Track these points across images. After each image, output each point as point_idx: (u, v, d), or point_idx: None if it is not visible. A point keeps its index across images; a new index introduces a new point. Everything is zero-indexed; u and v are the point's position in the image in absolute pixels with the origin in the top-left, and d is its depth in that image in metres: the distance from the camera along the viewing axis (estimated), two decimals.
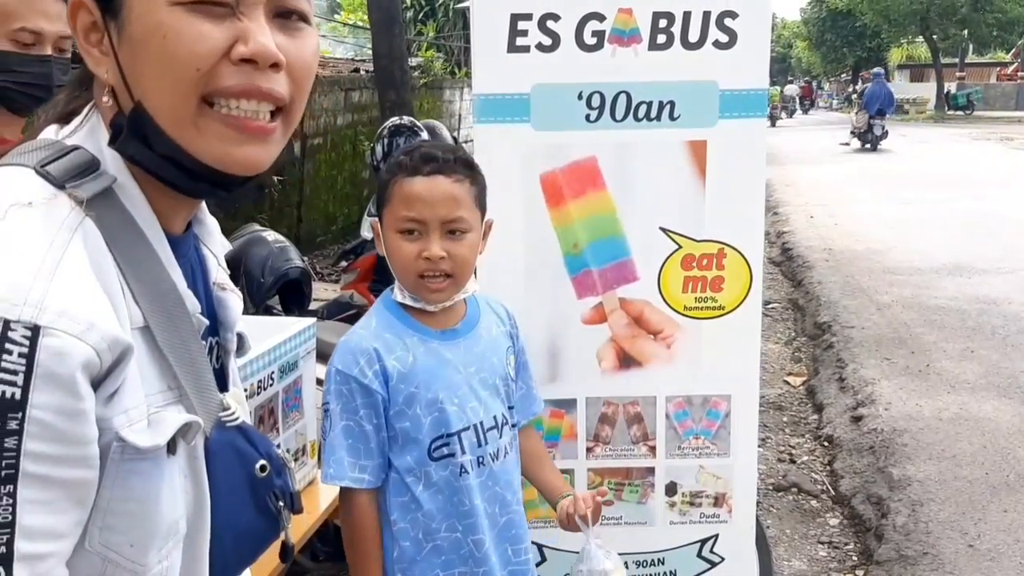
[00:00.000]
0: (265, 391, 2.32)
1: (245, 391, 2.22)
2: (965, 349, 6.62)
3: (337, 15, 25.44)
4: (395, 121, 5.39)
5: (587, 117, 2.55)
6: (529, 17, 2.49)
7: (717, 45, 2.53)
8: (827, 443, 5.35)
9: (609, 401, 2.71)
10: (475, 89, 2.56)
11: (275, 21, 0.95)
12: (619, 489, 2.77)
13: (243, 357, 2.17)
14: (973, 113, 38.93)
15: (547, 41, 2.50)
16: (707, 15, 2.51)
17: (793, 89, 51.74)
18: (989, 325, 7.20)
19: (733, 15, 2.51)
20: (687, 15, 2.51)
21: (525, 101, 2.53)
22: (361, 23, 18.63)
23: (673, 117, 2.56)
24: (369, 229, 3.73)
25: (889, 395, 5.71)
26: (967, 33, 43.21)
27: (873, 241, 10.83)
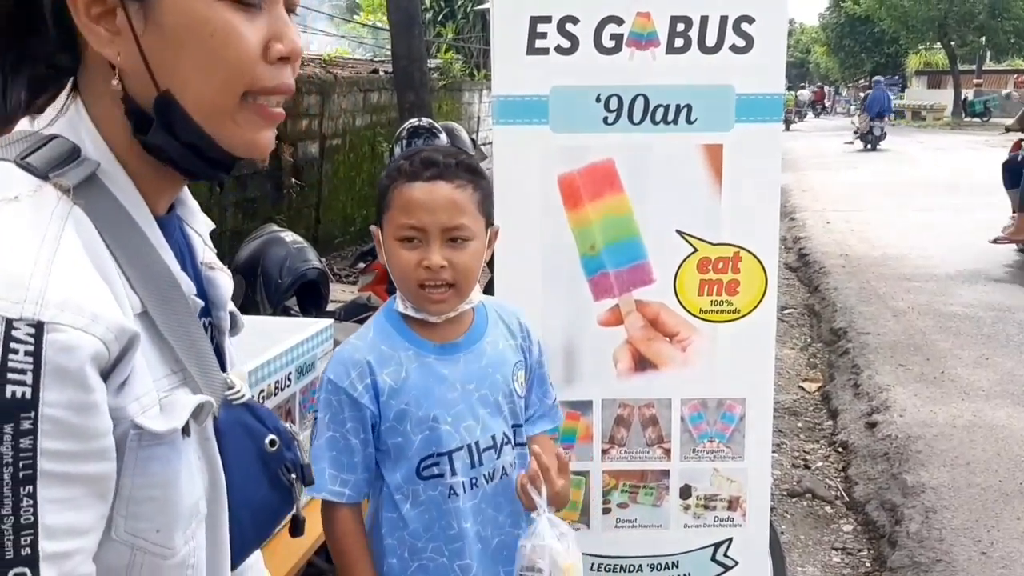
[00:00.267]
0: (282, 392, 2.33)
1: (262, 391, 2.23)
2: (980, 356, 6.60)
3: (356, 16, 25.52)
4: (414, 122, 5.41)
5: (605, 120, 2.56)
6: (548, 20, 2.51)
7: (734, 49, 2.53)
8: (842, 449, 5.34)
9: (625, 403, 2.72)
10: (494, 91, 2.57)
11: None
12: (634, 491, 2.78)
13: (261, 357, 2.20)
14: (990, 120, 38.68)
15: (566, 44, 2.52)
16: (724, 19, 2.52)
17: (805, 94, 52.58)
18: (1004, 333, 7.17)
19: (750, 20, 2.52)
20: (704, 19, 2.52)
21: (544, 103, 2.54)
22: (380, 24, 18.68)
23: (690, 120, 2.57)
24: None
25: (904, 402, 5.69)
26: (985, 40, 43.00)
27: (889, 247, 10.80)
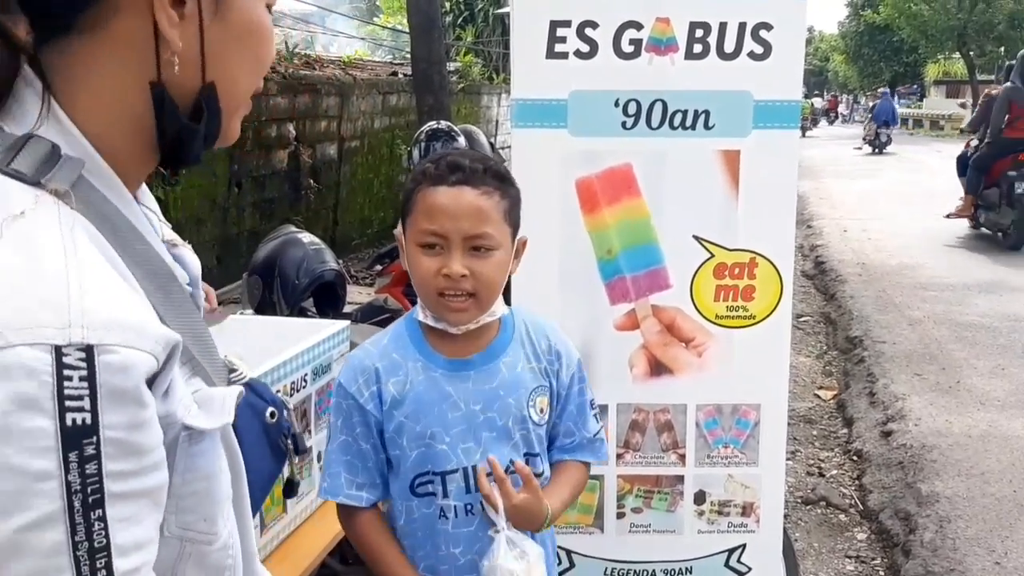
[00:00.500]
0: (298, 392, 2.34)
1: (278, 392, 2.24)
2: (995, 366, 6.57)
3: (376, 18, 25.59)
4: (432, 125, 5.43)
5: (623, 124, 2.57)
6: (568, 24, 2.52)
7: (752, 56, 2.54)
8: (856, 457, 5.33)
9: (640, 408, 2.72)
10: (513, 94, 2.58)
11: None
12: (648, 496, 2.78)
13: (277, 358, 2.20)
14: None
15: (585, 48, 2.53)
16: (743, 26, 2.53)
17: (819, 102, 54.45)
18: (1020, 343, 7.14)
19: (768, 27, 2.53)
20: (723, 26, 2.53)
21: (563, 107, 2.55)
22: (400, 27, 18.73)
23: (708, 126, 2.57)
24: None
25: (919, 411, 5.67)
26: (1003, 50, 42.76)
27: (906, 256, 10.76)
